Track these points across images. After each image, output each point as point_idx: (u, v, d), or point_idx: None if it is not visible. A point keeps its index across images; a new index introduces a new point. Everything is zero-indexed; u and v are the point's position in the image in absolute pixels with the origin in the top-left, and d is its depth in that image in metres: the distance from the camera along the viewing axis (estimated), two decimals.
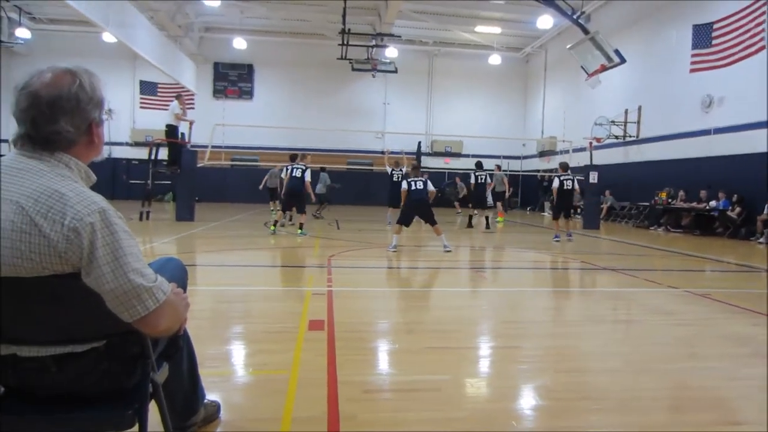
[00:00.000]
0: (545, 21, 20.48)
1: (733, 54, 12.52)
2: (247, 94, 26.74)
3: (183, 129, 14.33)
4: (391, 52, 22.48)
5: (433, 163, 26.22)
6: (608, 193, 18.41)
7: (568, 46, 15.87)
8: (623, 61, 14.61)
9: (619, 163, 19.26)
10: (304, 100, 26.38)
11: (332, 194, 17.41)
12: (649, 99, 17.81)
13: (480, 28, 24.03)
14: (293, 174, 10.89)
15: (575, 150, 18.98)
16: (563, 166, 11.94)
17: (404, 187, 9.03)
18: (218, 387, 2.80)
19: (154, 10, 19.36)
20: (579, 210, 17.43)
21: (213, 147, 16.65)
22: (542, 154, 25.56)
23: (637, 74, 18.18)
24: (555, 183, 11.64)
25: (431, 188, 9.04)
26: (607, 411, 2.70)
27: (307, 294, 5.43)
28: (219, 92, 26.45)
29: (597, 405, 2.76)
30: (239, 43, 23.63)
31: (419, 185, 8.89)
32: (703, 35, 13.25)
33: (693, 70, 13.71)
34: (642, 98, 18.22)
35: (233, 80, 26.58)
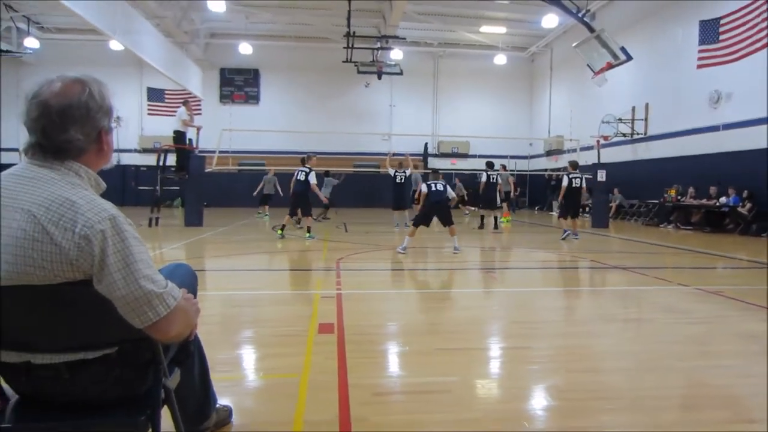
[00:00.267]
0: (550, 20, 20.44)
1: (741, 49, 12.42)
2: (254, 99, 26.85)
3: (191, 135, 14.42)
4: (396, 54, 22.52)
5: (440, 165, 26.05)
6: (617, 191, 18.31)
7: (574, 45, 15.80)
8: (630, 59, 14.51)
9: (628, 161, 19.14)
10: (310, 104, 26.45)
11: (335, 194, 17.38)
12: (657, 96, 17.71)
13: (485, 29, 23.96)
14: (297, 177, 11.00)
15: (583, 149, 18.91)
16: (573, 165, 11.92)
17: (424, 190, 9.13)
18: (230, 391, 2.81)
19: (160, 17, 19.46)
20: (587, 209, 17.35)
21: (220, 152, 16.73)
22: (549, 154, 25.43)
23: (644, 71, 18.08)
24: (564, 181, 11.63)
25: (452, 194, 9.44)
26: (620, 410, 2.68)
27: (317, 297, 5.44)
28: (225, 97, 26.59)
29: (609, 405, 2.75)
30: (245, 48, 23.73)
31: (439, 187, 9.01)
32: (710, 30, 13.16)
33: (700, 66, 13.61)
34: (649, 95, 18.12)
35: (239, 85, 26.70)
